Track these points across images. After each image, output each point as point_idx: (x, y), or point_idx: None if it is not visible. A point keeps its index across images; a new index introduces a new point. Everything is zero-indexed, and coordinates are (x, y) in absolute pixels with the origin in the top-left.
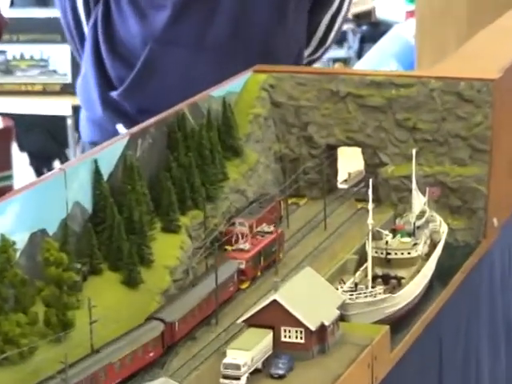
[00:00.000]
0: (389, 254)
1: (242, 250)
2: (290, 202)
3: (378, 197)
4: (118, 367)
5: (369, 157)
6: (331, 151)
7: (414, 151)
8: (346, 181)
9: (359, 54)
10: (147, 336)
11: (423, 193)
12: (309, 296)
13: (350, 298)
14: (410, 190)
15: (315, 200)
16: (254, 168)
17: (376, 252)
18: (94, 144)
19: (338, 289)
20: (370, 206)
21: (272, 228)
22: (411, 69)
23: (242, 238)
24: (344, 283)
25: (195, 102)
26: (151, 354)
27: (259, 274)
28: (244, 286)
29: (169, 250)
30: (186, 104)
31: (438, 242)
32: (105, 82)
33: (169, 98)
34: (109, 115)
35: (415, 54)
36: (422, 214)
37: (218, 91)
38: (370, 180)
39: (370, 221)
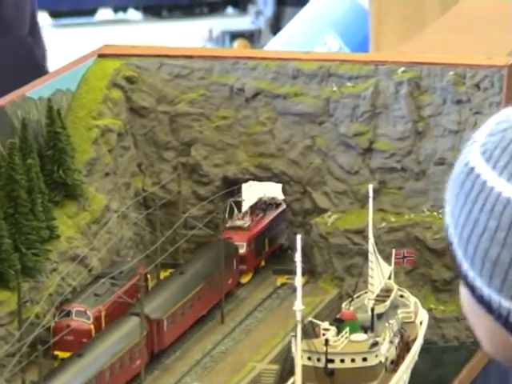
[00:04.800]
0: (331, 361)
1: (239, 229)
2: (163, 276)
3: (312, 265)
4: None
5: (295, 198)
6: (231, 189)
7: (370, 188)
8: None
9: (275, 24)
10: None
11: (387, 259)
12: None
13: None
14: (365, 254)
15: None
16: (101, 219)
17: (309, 359)
18: None
19: None
20: (299, 280)
21: (277, 200)
22: (364, 48)
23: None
24: None
25: (0, 106)
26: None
27: (263, 263)
28: (245, 279)
29: None
30: None
31: (413, 341)
32: None
33: None
34: None
35: (369, 24)
36: (385, 293)
37: (38, 89)
38: (298, 237)
39: (298, 306)
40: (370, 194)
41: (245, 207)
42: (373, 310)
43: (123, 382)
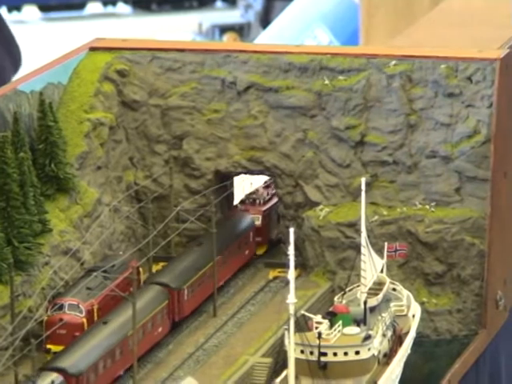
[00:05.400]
0: (324, 354)
1: (254, 202)
2: (155, 269)
3: (304, 259)
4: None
5: (287, 192)
6: (223, 183)
7: (363, 181)
8: None
9: (264, 18)
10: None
11: (380, 252)
12: None
13: None
14: (358, 248)
15: None
16: (93, 213)
17: (302, 352)
18: None
19: None
20: (292, 274)
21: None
22: (354, 42)
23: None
24: None
25: None
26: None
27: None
28: (260, 250)
29: None
30: None
31: (406, 335)
32: None
33: None
34: None
35: (359, 18)
36: (377, 286)
37: (30, 82)
38: (291, 230)
39: (291, 299)
40: (363, 187)
41: (260, 182)
42: (365, 303)
43: (145, 349)
